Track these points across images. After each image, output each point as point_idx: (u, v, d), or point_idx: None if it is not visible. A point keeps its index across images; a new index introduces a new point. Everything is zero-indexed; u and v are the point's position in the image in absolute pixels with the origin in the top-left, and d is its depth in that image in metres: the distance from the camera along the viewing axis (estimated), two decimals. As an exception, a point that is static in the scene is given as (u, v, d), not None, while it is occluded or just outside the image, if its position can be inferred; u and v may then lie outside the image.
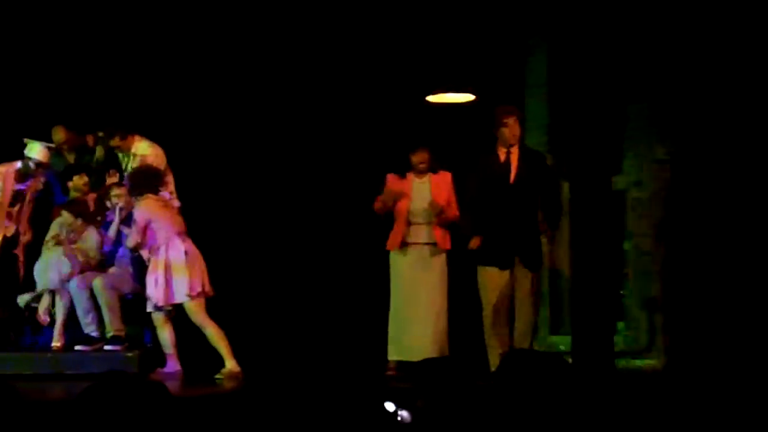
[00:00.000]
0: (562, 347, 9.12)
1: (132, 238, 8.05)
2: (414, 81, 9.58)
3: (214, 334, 7.91)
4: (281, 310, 9.75)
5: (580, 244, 8.14)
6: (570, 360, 7.86)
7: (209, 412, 4.85)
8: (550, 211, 7.85)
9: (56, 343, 8.34)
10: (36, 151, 8.59)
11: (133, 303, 8.32)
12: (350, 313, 9.69)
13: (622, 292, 9.07)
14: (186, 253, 7.94)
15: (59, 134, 8.93)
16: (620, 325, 8.97)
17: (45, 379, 7.67)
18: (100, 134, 8.90)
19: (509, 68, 9.56)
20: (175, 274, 7.89)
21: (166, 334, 8.06)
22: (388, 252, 8.24)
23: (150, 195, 8.08)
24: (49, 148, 8.69)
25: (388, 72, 9.79)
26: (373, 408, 3.65)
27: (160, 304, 7.92)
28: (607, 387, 5.77)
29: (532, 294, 7.76)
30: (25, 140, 8.64)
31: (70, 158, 9.06)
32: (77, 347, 8.30)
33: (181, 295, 7.91)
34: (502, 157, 7.75)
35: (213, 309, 8.10)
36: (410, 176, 8.24)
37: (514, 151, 7.78)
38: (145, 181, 8.13)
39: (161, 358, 8.18)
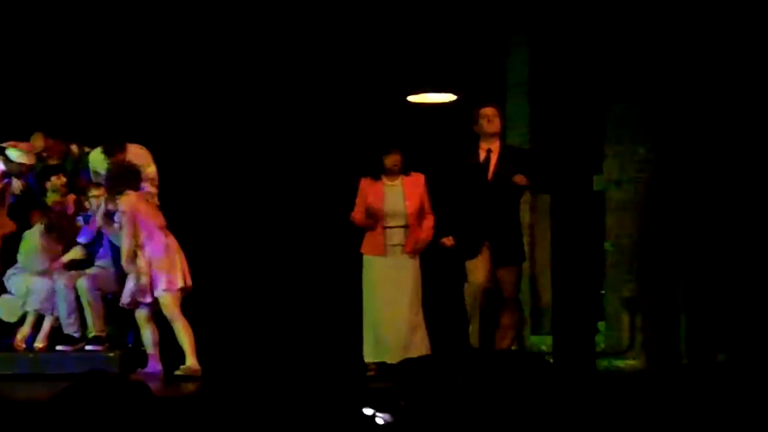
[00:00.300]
0: (543, 347, 9.14)
1: (127, 240, 7.97)
2: (394, 81, 9.58)
3: (181, 329, 7.88)
4: (256, 311, 9.76)
5: (561, 243, 8.15)
6: (551, 360, 7.88)
7: (191, 412, 4.82)
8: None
9: (40, 344, 8.32)
10: (18, 153, 8.54)
11: (115, 303, 8.28)
12: (323, 316, 9.71)
13: (602, 292, 9.08)
14: (167, 246, 7.95)
15: (38, 141, 8.86)
16: (601, 325, 8.99)
17: (25, 379, 7.64)
18: (87, 149, 8.83)
19: (490, 67, 9.56)
20: (156, 268, 7.88)
21: (148, 334, 8.03)
22: (360, 254, 8.19)
23: (130, 191, 8.05)
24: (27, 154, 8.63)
25: (368, 72, 9.79)
26: (353, 410, 3.65)
27: (140, 299, 7.92)
28: (588, 387, 5.76)
29: (514, 292, 7.73)
30: (2, 145, 8.60)
31: (51, 162, 8.99)
32: (58, 347, 8.27)
33: (159, 290, 7.90)
34: (482, 155, 7.73)
35: (187, 306, 8.07)
36: (383, 179, 8.19)
37: (495, 149, 7.74)
38: (124, 179, 8.09)
39: (143, 359, 8.15)
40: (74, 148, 8.89)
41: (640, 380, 7.87)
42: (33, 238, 8.55)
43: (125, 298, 7.98)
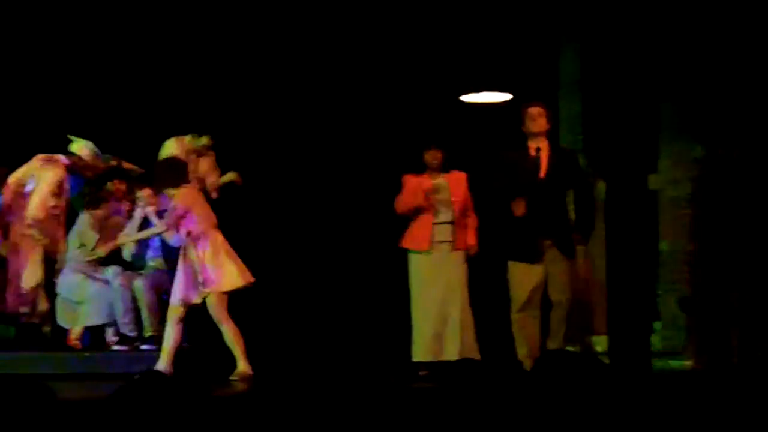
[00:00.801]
0: (598, 348, 9.08)
1: (165, 223, 7.84)
2: (447, 81, 9.57)
3: (230, 332, 7.70)
4: (300, 311, 9.78)
5: (616, 243, 8.09)
6: (606, 361, 7.82)
7: (242, 412, 4.85)
8: (583, 214, 7.74)
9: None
10: (79, 147, 8.63)
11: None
12: (366, 314, 9.71)
13: (658, 291, 9.01)
14: (221, 245, 7.78)
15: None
16: (657, 325, 8.91)
17: (81, 379, 7.70)
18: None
19: (542, 67, 9.51)
20: (209, 265, 7.70)
21: (174, 332, 7.79)
22: (405, 251, 8.16)
23: (186, 185, 7.93)
24: (91, 149, 8.70)
25: (421, 72, 9.79)
26: (403, 411, 3.64)
27: (189, 298, 7.73)
28: (643, 388, 5.72)
29: (565, 292, 7.65)
30: (70, 137, 8.68)
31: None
32: (114, 347, 8.35)
33: (207, 289, 7.71)
34: (532, 153, 7.67)
35: (235, 306, 8.00)
36: (426, 177, 8.18)
37: (544, 148, 7.68)
38: (175, 173, 7.93)
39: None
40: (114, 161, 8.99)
41: (694, 381, 7.79)
42: (81, 231, 8.64)
43: (175, 298, 7.78)
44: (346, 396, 3.85)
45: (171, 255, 8.23)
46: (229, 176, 8.57)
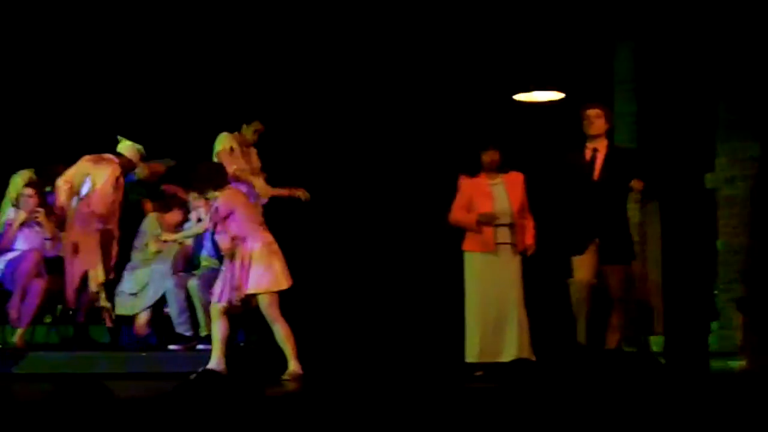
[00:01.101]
0: (654, 348, 9.01)
1: (207, 224, 7.92)
2: (501, 80, 9.55)
3: (282, 332, 7.70)
4: (356, 311, 9.79)
5: (672, 242, 8.03)
6: (663, 361, 7.76)
7: (297, 411, 4.86)
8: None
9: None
10: (126, 148, 8.77)
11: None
12: (421, 315, 9.71)
13: (715, 291, 8.92)
14: (268, 245, 7.79)
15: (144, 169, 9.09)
16: (714, 325, 8.83)
17: (138, 378, 7.76)
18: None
19: (596, 65, 9.45)
20: (256, 265, 7.69)
21: (220, 329, 7.76)
22: (461, 252, 8.14)
23: (229, 186, 7.98)
24: (138, 150, 8.83)
25: (473, 70, 9.77)
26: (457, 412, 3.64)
27: (234, 297, 7.70)
28: (700, 388, 5.67)
29: (624, 290, 7.63)
30: (119, 137, 8.80)
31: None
32: (170, 346, 8.42)
33: (260, 286, 7.70)
34: (588, 155, 7.65)
35: (288, 306, 8.01)
36: (483, 177, 8.16)
37: (601, 149, 7.67)
38: (216, 175, 7.96)
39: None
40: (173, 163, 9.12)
41: (750, 382, 7.70)
42: (146, 226, 8.75)
43: (221, 297, 7.74)
44: (399, 396, 3.86)
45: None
46: (296, 192, 8.62)
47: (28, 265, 8.43)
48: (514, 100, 9.48)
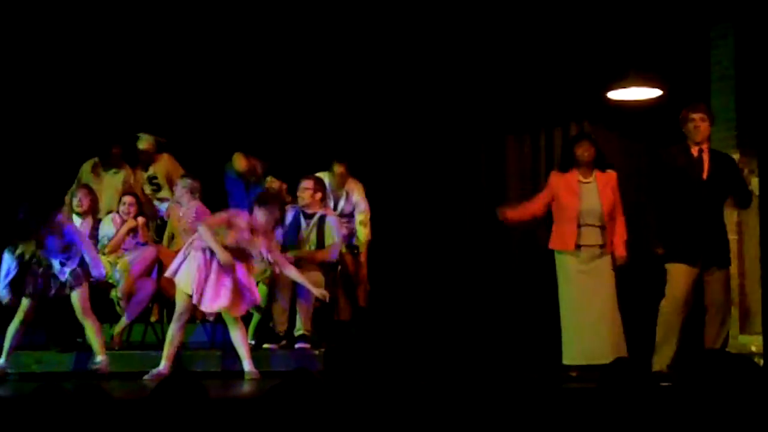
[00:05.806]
0: (752, 348, 8.85)
1: None
2: (595, 76, 9.45)
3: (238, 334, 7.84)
4: (445, 314, 9.79)
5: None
6: (761, 362, 7.63)
7: (388, 411, 4.87)
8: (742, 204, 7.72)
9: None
10: (145, 142, 9.03)
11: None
12: (513, 317, 9.66)
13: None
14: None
15: (240, 162, 9.19)
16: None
17: (232, 377, 7.82)
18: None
19: (694, 61, 9.30)
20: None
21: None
22: (551, 252, 8.08)
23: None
24: (158, 142, 9.12)
25: (566, 66, 9.70)
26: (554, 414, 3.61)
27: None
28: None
29: (724, 293, 7.53)
30: (139, 134, 9.20)
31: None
32: (265, 345, 8.47)
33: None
34: (695, 154, 7.52)
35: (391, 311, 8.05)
36: (575, 174, 8.04)
37: (705, 149, 7.55)
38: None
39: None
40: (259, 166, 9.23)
41: None
42: None
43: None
44: (497, 397, 3.84)
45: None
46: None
47: (145, 264, 8.60)
48: (608, 98, 9.37)
